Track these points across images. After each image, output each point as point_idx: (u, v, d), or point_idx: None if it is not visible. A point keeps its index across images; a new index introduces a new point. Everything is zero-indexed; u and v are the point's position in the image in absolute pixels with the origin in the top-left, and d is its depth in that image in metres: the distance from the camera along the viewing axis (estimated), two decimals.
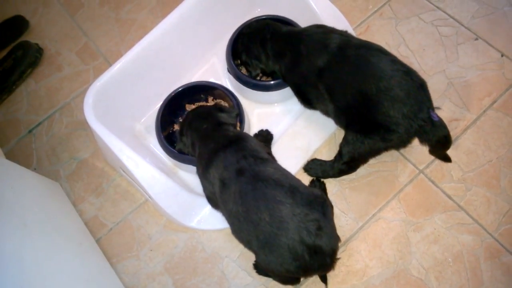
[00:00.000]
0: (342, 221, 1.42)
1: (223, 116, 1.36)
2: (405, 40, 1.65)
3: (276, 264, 1.10)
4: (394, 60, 1.23)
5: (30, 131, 1.70)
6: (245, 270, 1.40)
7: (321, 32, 1.35)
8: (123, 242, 1.49)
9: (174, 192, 1.42)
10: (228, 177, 1.17)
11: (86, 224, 1.52)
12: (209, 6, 1.62)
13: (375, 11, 1.73)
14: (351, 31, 1.56)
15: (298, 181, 1.18)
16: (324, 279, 1.26)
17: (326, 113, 1.40)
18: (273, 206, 1.08)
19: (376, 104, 1.20)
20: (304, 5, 1.58)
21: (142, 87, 1.58)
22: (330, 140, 1.53)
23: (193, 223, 1.45)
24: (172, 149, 1.47)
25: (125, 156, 1.39)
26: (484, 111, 1.50)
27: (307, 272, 1.14)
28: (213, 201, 1.30)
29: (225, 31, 1.66)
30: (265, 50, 1.44)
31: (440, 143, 1.25)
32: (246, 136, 1.31)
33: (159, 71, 1.60)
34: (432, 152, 1.34)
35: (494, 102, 1.51)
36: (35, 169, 1.63)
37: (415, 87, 1.19)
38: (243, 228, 1.14)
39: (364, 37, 1.67)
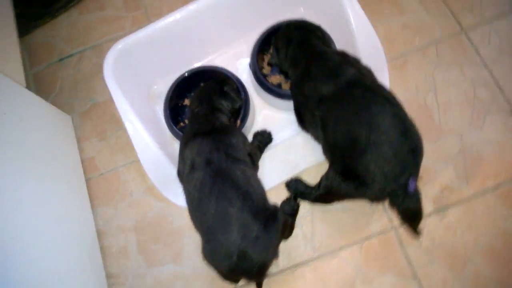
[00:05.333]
0: (302, 245, 1.47)
1: (222, 103, 1.40)
2: (437, 88, 1.56)
3: (211, 255, 1.18)
4: (396, 115, 1.16)
5: (60, 60, 1.81)
6: (200, 253, 1.49)
7: (338, 61, 1.29)
8: (108, 189, 1.63)
9: (162, 165, 1.50)
10: (198, 162, 1.23)
11: (82, 161, 1.66)
12: None
13: (419, 48, 1.62)
14: (384, 63, 1.49)
15: (259, 191, 1.22)
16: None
17: (317, 138, 1.40)
18: (222, 203, 1.13)
19: (360, 154, 1.16)
20: (345, 23, 1.51)
21: (167, 54, 1.62)
22: (321, 165, 1.53)
23: (170, 196, 1.54)
24: (172, 123, 1.54)
25: (127, 120, 1.46)
26: (483, 193, 1.44)
27: (234, 273, 1.18)
28: (181, 177, 1.36)
29: (262, 22, 1.63)
30: (287, 51, 1.42)
31: (406, 215, 1.20)
32: (232, 130, 1.34)
33: (187, 43, 1.63)
34: (401, 219, 1.31)
35: (498, 187, 1.44)
36: (55, 96, 1.77)
37: (406, 150, 1.13)
38: (194, 213, 1.22)
39: (397, 72, 1.59)
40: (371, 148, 1.15)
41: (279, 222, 1.20)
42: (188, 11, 1.52)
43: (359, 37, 1.48)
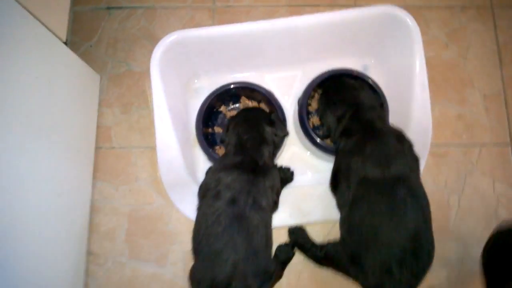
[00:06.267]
0: None
1: (268, 132, 1.36)
2: (464, 192, 1.56)
3: (198, 281, 1.17)
4: (423, 231, 1.17)
5: (108, 8, 1.67)
6: (186, 263, 1.50)
7: (394, 148, 1.25)
8: (114, 166, 1.57)
9: (177, 169, 1.46)
10: (224, 194, 1.20)
11: (97, 127, 1.59)
12: (332, 29, 1.51)
13: (464, 145, 1.60)
14: (427, 147, 1.48)
15: (267, 246, 1.22)
16: None
17: (339, 208, 1.38)
18: (228, 247, 1.13)
19: (375, 251, 1.18)
20: (407, 91, 1.47)
21: (219, 56, 1.54)
22: (331, 223, 1.53)
23: (176, 199, 1.50)
24: (201, 130, 1.48)
25: (159, 117, 1.41)
26: None
27: None
28: (202, 193, 1.33)
29: (326, 58, 1.58)
30: (339, 125, 1.38)
31: None
32: (270, 172, 1.30)
33: (244, 52, 1.54)
34: None
35: None
36: (90, 46, 1.64)
37: (418, 267, 1.15)
38: (199, 234, 1.21)
39: (434, 159, 1.58)
40: (387, 250, 1.15)
41: (272, 281, 1.23)
42: (258, 27, 1.44)
43: (415, 112, 1.47)
